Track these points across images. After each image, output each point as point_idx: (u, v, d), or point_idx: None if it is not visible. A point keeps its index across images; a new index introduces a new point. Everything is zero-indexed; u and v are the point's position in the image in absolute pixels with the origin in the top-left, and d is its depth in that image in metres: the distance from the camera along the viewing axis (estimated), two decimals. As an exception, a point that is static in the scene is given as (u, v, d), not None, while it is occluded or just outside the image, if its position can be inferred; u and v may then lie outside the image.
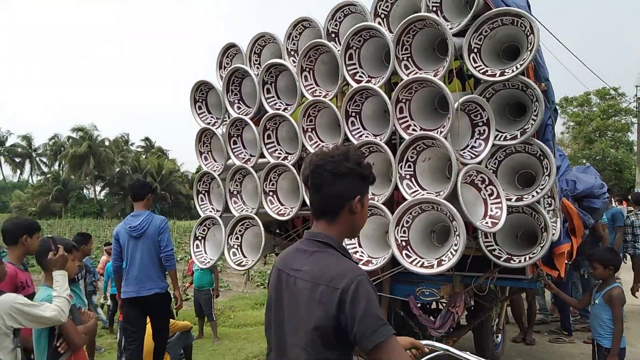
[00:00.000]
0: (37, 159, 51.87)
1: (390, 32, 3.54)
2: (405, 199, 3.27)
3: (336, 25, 3.94)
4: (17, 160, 51.88)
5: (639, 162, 23.34)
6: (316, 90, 3.84)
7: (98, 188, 49.47)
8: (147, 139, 54.43)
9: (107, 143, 47.33)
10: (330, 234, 1.52)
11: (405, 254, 3.20)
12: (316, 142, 3.85)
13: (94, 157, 44.41)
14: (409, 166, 3.32)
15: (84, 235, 5.27)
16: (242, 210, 4.19)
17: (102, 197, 50.85)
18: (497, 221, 3.16)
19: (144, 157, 50.94)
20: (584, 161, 29.91)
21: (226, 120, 4.33)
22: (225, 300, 9.38)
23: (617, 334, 3.39)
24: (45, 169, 51.50)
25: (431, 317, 4.00)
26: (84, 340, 2.70)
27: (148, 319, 4.54)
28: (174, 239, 20.06)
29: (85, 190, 49.65)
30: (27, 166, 52.49)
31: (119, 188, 47.23)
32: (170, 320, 4.89)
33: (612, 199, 14.45)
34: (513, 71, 3.14)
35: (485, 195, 3.26)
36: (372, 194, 3.55)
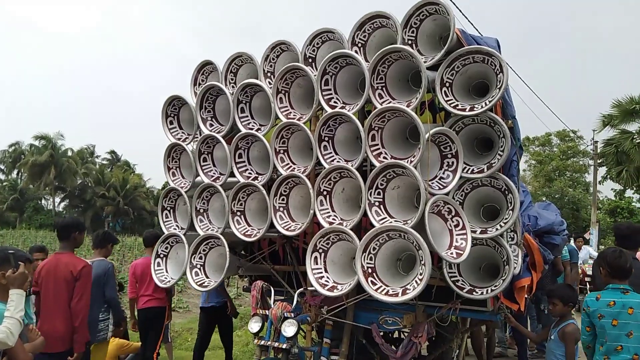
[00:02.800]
0: (-6, 165, 49.63)
1: (367, 61, 3.62)
2: (373, 226, 3.28)
3: (314, 50, 4.01)
4: (-28, 166, 49.50)
5: (594, 202, 24.37)
6: (291, 112, 3.85)
7: (58, 199, 47.62)
8: (112, 152, 53.09)
9: (70, 153, 45.85)
10: None
11: (371, 281, 3.19)
12: (288, 164, 3.84)
13: (56, 167, 42.83)
14: (379, 193, 3.35)
15: (41, 249, 5.01)
16: (207, 229, 4.10)
17: (61, 209, 48.89)
18: (461, 252, 3.21)
19: (108, 170, 49.54)
20: (544, 198, 31.03)
21: (197, 137, 4.27)
22: (183, 322, 9.07)
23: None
24: (2, 177, 49.30)
25: (393, 347, 3.97)
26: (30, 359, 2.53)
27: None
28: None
29: (43, 201, 47.70)
30: (-17, 173, 50.10)
31: (80, 200, 45.59)
32: (124, 341, 4.69)
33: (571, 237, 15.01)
34: (482, 107, 3.25)
35: (451, 226, 3.31)
36: (341, 219, 3.55)
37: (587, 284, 9.45)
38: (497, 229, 3.31)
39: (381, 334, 3.99)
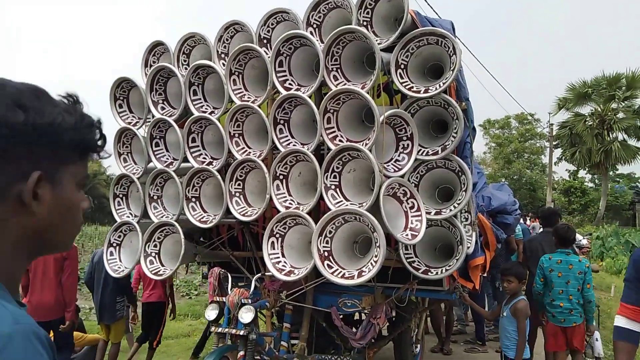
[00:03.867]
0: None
1: (322, 42, 3.56)
2: (329, 209, 3.26)
3: (269, 31, 3.91)
4: None
5: (549, 183, 25.36)
6: (245, 95, 3.76)
7: None
8: (69, 138, 51.02)
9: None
10: None
11: (327, 264, 3.18)
12: (243, 147, 3.75)
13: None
14: (335, 177, 3.32)
15: None
16: (162, 217, 3.98)
17: (14, 199, 46.74)
18: (416, 234, 3.24)
19: (65, 157, 47.62)
20: (503, 180, 32.03)
21: (149, 121, 4.11)
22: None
23: (520, 345, 3.59)
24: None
25: (353, 329, 4.01)
26: None
27: None
28: (95, 245, 18.84)
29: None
30: None
31: (35, 189, 43.73)
32: (78, 333, 4.55)
33: (527, 216, 15.47)
34: (436, 89, 3.26)
35: (406, 207, 3.33)
36: (298, 202, 3.52)
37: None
38: (450, 210, 3.36)
39: (341, 316, 4.03)
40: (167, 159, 4.07)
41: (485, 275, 4.72)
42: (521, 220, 10.16)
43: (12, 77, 0.78)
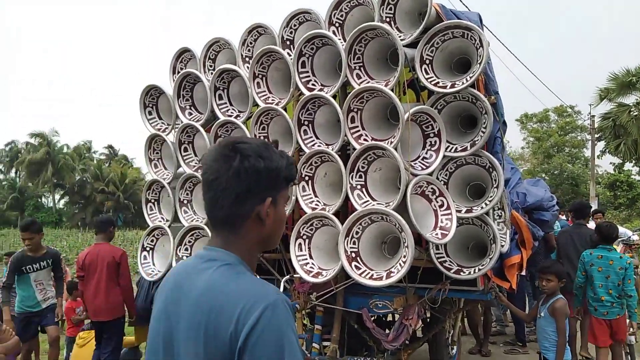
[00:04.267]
0: (-8, 165, 49.52)
1: (345, 41, 3.52)
2: (355, 210, 3.21)
3: (291, 32, 3.90)
4: (-30, 166, 49.38)
5: (593, 177, 24.30)
6: (269, 97, 3.76)
7: (57, 196, 47.62)
8: (110, 147, 52.85)
9: (66, 150, 45.71)
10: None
11: (355, 265, 3.14)
12: (269, 150, 3.76)
13: (53, 164, 42.75)
14: (360, 176, 3.28)
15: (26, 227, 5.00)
16: (192, 220, 4.04)
17: (61, 206, 48.94)
18: (447, 232, 3.15)
19: (106, 165, 49.41)
20: (543, 175, 30.96)
21: (177, 127, 4.19)
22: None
23: (560, 347, 3.43)
24: (1, 176, 49.23)
25: (386, 330, 3.94)
26: None
27: None
28: (136, 250, 19.43)
29: (43, 199, 47.67)
30: (-19, 173, 50.01)
31: (80, 197, 45.56)
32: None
33: (568, 212, 14.88)
34: (463, 83, 3.16)
35: (435, 206, 3.25)
36: (324, 203, 3.49)
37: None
38: (482, 208, 3.25)
39: (372, 318, 3.96)
40: (196, 163, 4.13)
41: (523, 274, 4.54)
42: (562, 217, 9.74)
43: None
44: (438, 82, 3.29)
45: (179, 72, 4.42)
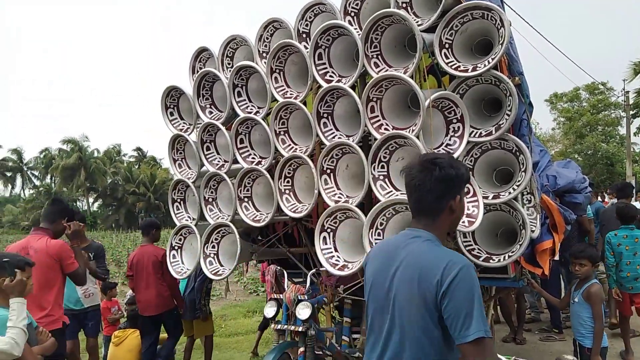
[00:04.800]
0: (28, 172, 51.40)
1: (361, 30, 3.46)
2: (379, 201, 3.17)
3: (307, 25, 3.86)
4: (8, 174, 51.38)
5: (629, 155, 23.40)
6: (287, 91, 3.75)
7: (91, 199, 49.12)
8: (138, 149, 54.12)
9: (96, 154, 47.01)
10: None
11: (381, 257, 3.10)
12: (289, 145, 3.75)
13: (85, 168, 44.09)
14: (382, 167, 3.23)
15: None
16: (217, 218, 4.09)
17: (95, 209, 50.47)
18: (474, 220, 3.07)
19: (136, 167, 50.63)
20: (576, 156, 29.99)
21: (198, 126, 4.22)
22: (216, 309, 9.23)
23: (597, 333, 3.31)
24: (37, 182, 51.07)
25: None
26: None
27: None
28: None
29: (78, 202, 49.26)
30: (19, 180, 52.01)
31: (112, 199, 46.88)
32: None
33: (603, 193, 14.33)
34: (485, 65, 3.06)
35: (461, 193, 3.17)
36: (347, 196, 3.46)
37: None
38: (509, 193, 3.15)
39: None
40: (219, 161, 4.16)
41: (556, 259, 4.40)
42: (599, 198, 9.37)
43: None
44: (459, 66, 3.20)
45: (197, 72, 4.45)
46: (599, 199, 9.58)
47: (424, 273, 1.52)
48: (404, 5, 3.43)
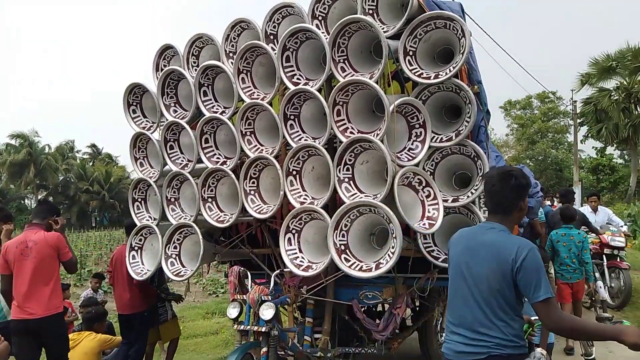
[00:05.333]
0: (-28, 168, 48.47)
1: (328, 34, 3.51)
2: (344, 203, 3.24)
3: (274, 27, 3.88)
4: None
5: (576, 162, 24.69)
6: (254, 92, 3.75)
7: (40, 197, 46.84)
8: (93, 146, 52.06)
9: (48, 150, 44.94)
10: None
11: (344, 257, 3.17)
12: (255, 145, 3.75)
13: (35, 164, 42.03)
14: (347, 169, 3.30)
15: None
16: (180, 218, 4.03)
17: (45, 207, 48.12)
18: (434, 222, 3.19)
19: (90, 164, 48.72)
20: (527, 161, 31.33)
21: (162, 124, 4.15)
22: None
23: (544, 330, 3.50)
24: (-18, 178, 48.22)
25: (376, 320, 3.99)
26: None
27: None
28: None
29: (26, 201, 46.86)
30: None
31: (64, 197, 44.91)
32: (107, 336, 4.66)
33: (554, 197, 15.08)
34: (446, 73, 3.18)
35: (422, 196, 3.29)
36: (312, 197, 3.50)
37: (605, 256, 6.98)
38: (468, 197, 3.30)
39: (363, 308, 4.01)
40: (182, 161, 4.10)
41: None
42: (548, 202, 9.82)
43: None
44: (422, 73, 3.31)
45: (162, 70, 4.38)
46: (549, 202, 10.03)
47: (502, 253, 2.07)
48: (370, 11, 3.51)
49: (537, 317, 2.36)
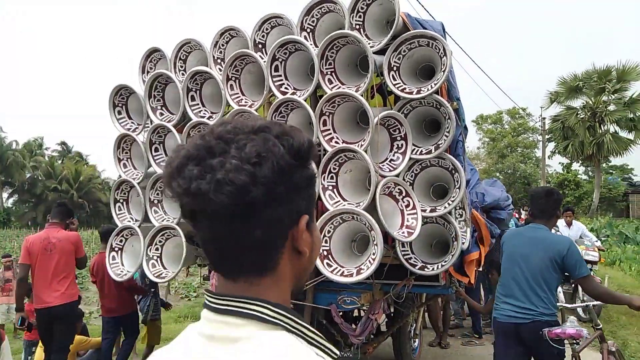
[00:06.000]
0: None
1: (316, 46, 3.64)
2: (327, 210, 3.35)
3: (263, 36, 3.98)
4: None
5: (543, 176, 25.57)
6: (242, 99, 3.83)
7: (5, 195, 45.24)
8: (63, 143, 50.66)
9: (15, 146, 43.49)
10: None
11: (327, 263, 3.28)
12: (241, 151, 3.82)
13: (0, 161, 40.63)
14: (332, 177, 3.41)
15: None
16: (162, 220, 4.06)
17: (9, 205, 46.55)
18: (412, 231, 3.33)
19: (59, 162, 47.36)
20: (497, 174, 32.20)
21: (147, 127, 4.18)
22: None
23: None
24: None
25: (353, 325, 4.10)
26: None
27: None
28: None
29: (-10, 197, 45.19)
30: None
31: (30, 195, 43.50)
32: (83, 337, 4.64)
33: (522, 210, 15.56)
34: (428, 90, 3.35)
35: (402, 206, 3.43)
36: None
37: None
38: (445, 207, 3.45)
39: (340, 313, 4.11)
40: (167, 163, 4.13)
41: (480, 269, 4.82)
42: (515, 215, 10.23)
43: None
44: (405, 88, 3.47)
45: (147, 72, 4.41)
46: (515, 215, 10.45)
47: (551, 246, 3.16)
48: (357, 26, 3.65)
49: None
